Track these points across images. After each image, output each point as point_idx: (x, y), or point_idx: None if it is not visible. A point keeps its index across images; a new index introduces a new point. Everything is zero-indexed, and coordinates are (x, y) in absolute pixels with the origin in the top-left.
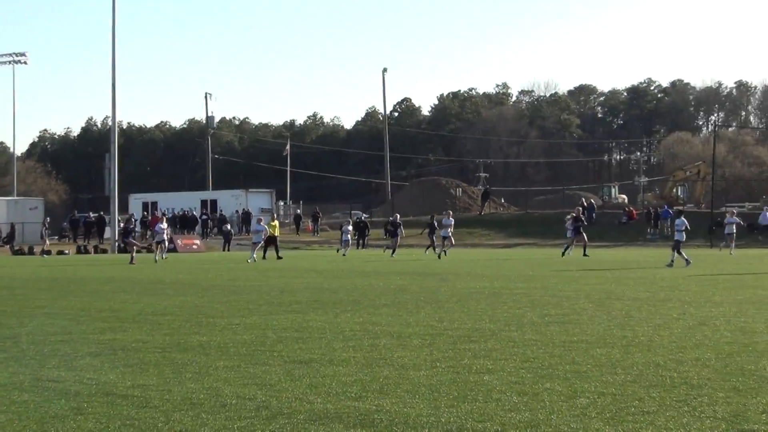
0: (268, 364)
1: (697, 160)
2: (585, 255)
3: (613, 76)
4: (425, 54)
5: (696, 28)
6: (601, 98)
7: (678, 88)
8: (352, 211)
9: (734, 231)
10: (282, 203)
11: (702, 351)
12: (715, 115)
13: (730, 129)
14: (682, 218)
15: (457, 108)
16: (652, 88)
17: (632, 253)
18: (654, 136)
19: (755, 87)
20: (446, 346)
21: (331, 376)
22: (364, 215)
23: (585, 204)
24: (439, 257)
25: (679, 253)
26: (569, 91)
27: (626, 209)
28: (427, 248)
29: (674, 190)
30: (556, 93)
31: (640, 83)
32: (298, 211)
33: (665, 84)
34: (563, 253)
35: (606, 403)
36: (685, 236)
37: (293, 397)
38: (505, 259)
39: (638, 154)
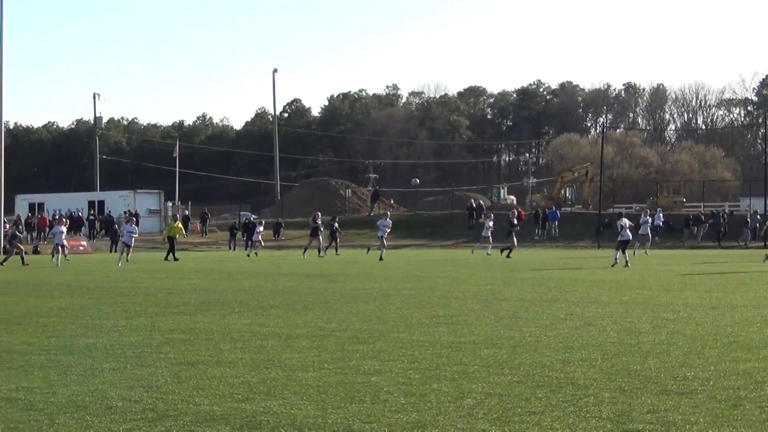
0: (154, 366)
1: (585, 161)
2: (508, 257)
3: (502, 78)
4: (315, 55)
5: (585, 30)
6: (491, 100)
7: (567, 89)
8: (241, 212)
9: (648, 231)
10: (170, 204)
11: (588, 351)
12: (604, 116)
13: (618, 130)
14: (624, 219)
15: (347, 109)
16: (541, 89)
17: (520, 253)
18: (543, 138)
19: (643, 89)
20: (334, 347)
21: (218, 378)
22: (254, 216)
23: (474, 203)
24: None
25: (624, 252)
26: (459, 93)
27: (515, 210)
28: (313, 248)
29: (562, 191)
30: (446, 94)
31: (530, 85)
32: (187, 212)
33: (554, 86)
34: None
35: (493, 404)
36: (630, 235)
37: (180, 399)
38: (393, 261)
39: (527, 155)
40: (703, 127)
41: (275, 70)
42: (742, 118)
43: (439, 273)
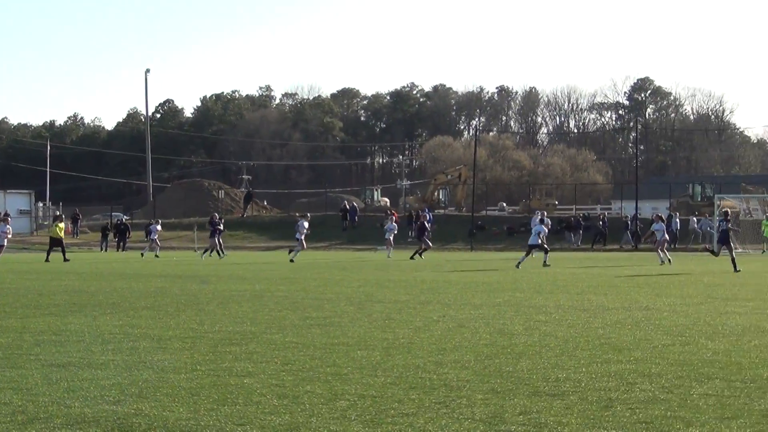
0: (24, 368)
1: (458, 163)
2: (420, 257)
3: (376, 80)
4: (188, 56)
5: (457, 33)
6: (364, 102)
7: (440, 92)
8: (113, 213)
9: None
10: (41, 204)
11: (461, 353)
12: (477, 119)
13: (491, 133)
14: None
15: (220, 110)
16: (414, 92)
17: (394, 255)
18: (416, 140)
19: (516, 92)
20: (207, 349)
21: (90, 380)
22: (125, 217)
23: (348, 205)
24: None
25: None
26: (332, 95)
27: (388, 212)
28: (207, 251)
29: (436, 194)
30: (319, 96)
31: (403, 87)
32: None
33: (427, 88)
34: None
35: (366, 406)
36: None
37: (50, 401)
38: (267, 262)
39: (400, 157)
40: (575, 131)
41: (147, 71)
42: (614, 122)
43: (312, 275)
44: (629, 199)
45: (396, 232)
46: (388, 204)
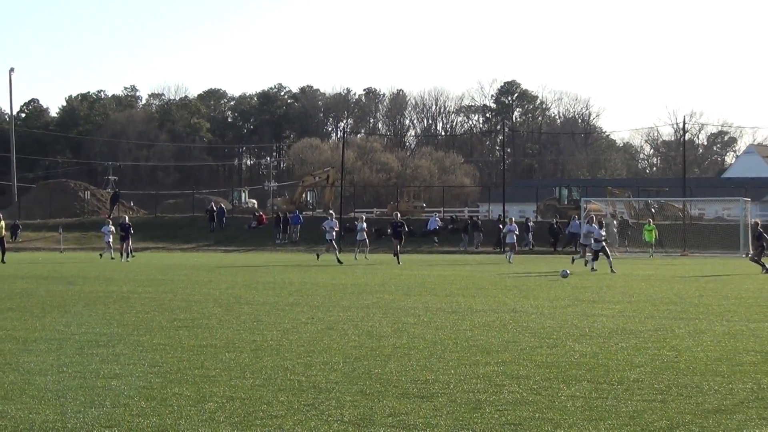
0: None
1: (326, 165)
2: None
3: (243, 81)
4: (53, 55)
5: (324, 35)
6: (232, 103)
7: (307, 94)
8: None
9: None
10: None
11: (330, 355)
12: (344, 121)
13: (358, 135)
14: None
15: (85, 110)
16: (282, 93)
17: (262, 257)
18: (284, 142)
19: (383, 94)
20: (73, 350)
21: None
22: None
23: (215, 206)
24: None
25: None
26: (199, 95)
27: (256, 214)
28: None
29: (304, 196)
30: (186, 96)
31: (270, 88)
32: None
33: (295, 90)
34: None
35: (235, 408)
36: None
37: None
38: (134, 264)
39: (268, 159)
40: (443, 133)
41: (12, 70)
42: (481, 125)
43: (179, 276)
44: (496, 202)
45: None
46: (256, 206)
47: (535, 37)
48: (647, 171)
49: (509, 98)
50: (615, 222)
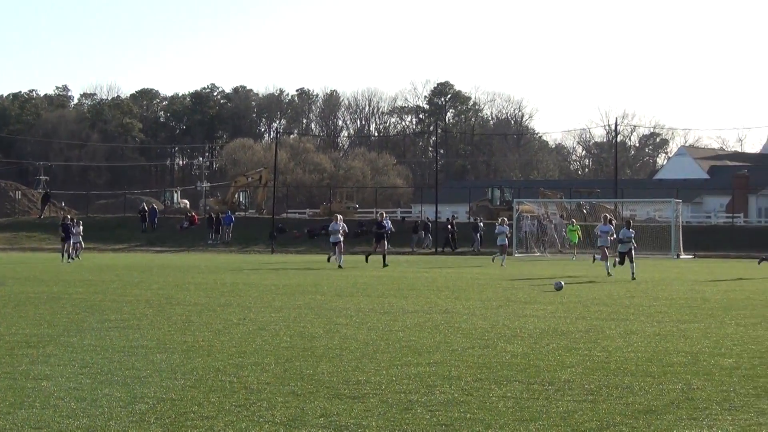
0: None
1: (259, 166)
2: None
3: (175, 81)
4: None
5: (256, 34)
6: (164, 103)
7: (240, 94)
8: None
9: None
10: None
11: (262, 356)
12: (277, 122)
13: (291, 136)
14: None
15: (17, 109)
16: (215, 93)
17: (194, 258)
18: (216, 142)
19: (317, 95)
20: (2, 352)
21: None
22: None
23: (147, 207)
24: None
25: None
26: (132, 95)
27: (188, 214)
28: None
29: (236, 196)
30: (118, 96)
31: (203, 89)
32: None
33: (228, 90)
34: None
35: (165, 409)
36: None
37: None
38: (65, 264)
39: (200, 159)
40: (376, 134)
41: None
42: (414, 126)
43: (111, 277)
44: (429, 203)
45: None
46: (188, 206)
47: (469, 39)
48: (579, 172)
49: (442, 99)
50: (553, 224)
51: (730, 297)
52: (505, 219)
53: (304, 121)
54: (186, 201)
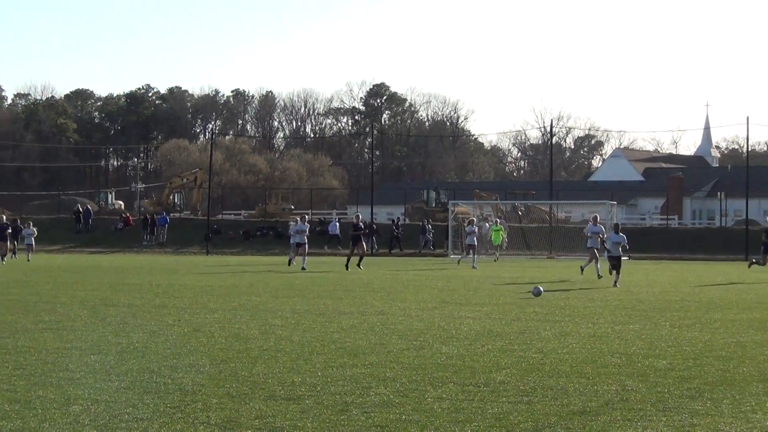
0: None
1: (194, 167)
2: (359, 265)
3: (110, 82)
4: None
5: (191, 35)
6: (99, 103)
7: (176, 94)
8: None
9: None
10: None
11: (196, 357)
12: (213, 123)
13: (227, 137)
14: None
15: None
16: (150, 94)
17: (129, 259)
18: (152, 143)
19: (252, 96)
20: None
21: None
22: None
23: (82, 207)
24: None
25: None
26: (66, 96)
27: (123, 215)
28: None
29: (171, 197)
30: (53, 97)
31: (138, 89)
32: None
33: (163, 91)
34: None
35: (99, 411)
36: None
37: None
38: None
39: (135, 160)
40: (312, 135)
41: None
42: (350, 127)
43: (45, 278)
44: (365, 204)
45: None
46: (123, 207)
47: (405, 40)
48: (515, 174)
49: (378, 101)
50: (488, 225)
51: (664, 299)
52: (474, 219)
53: (240, 122)
54: (121, 202)
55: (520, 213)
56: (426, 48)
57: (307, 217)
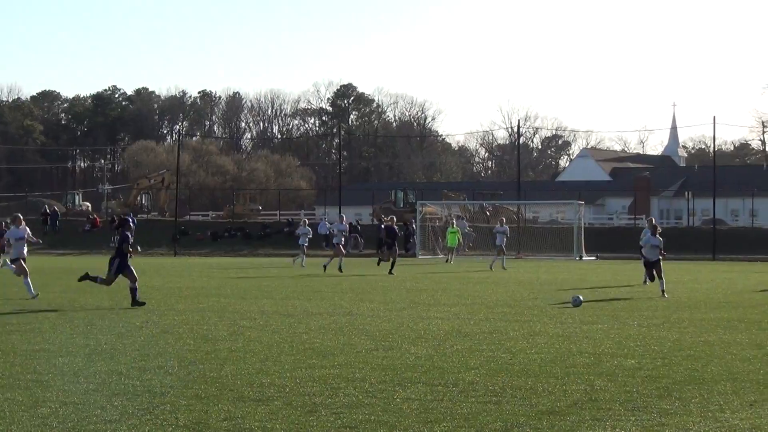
0: None
1: (161, 168)
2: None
3: (77, 83)
4: None
5: (158, 36)
6: (65, 105)
7: (143, 96)
8: None
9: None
10: None
11: (165, 359)
12: (180, 124)
13: (194, 138)
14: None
15: None
16: (116, 95)
17: (96, 261)
18: (118, 144)
19: (219, 97)
20: None
21: None
22: None
23: (49, 209)
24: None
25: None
26: (32, 97)
27: (90, 217)
28: None
29: (138, 198)
30: (19, 98)
31: (105, 90)
32: None
33: (130, 92)
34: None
35: (68, 413)
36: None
37: None
38: None
39: (102, 161)
40: (279, 136)
41: None
42: (317, 128)
43: (11, 281)
44: (333, 205)
45: (310, 237)
46: (90, 208)
47: (372, 41)
48: (482, 174)
49: (345, 101)
50: (467, 224)
51: (633, 298)
52: (503, 219)
53: (207, 123)
54: (88, 203)
55: (488, 213)
56: (393, 48)
57: (345, 217)
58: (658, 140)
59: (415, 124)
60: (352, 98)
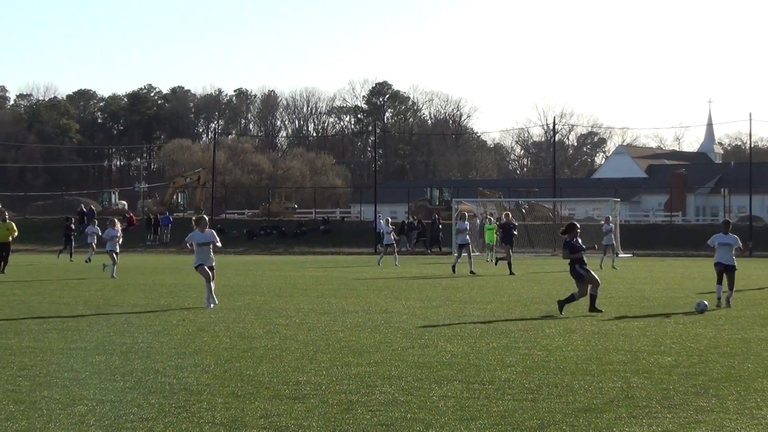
0: None
1: (197, 166)
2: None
3: (113, 82)
4: None
5: (194, 34)
6: (101, 104)
7: (178, 94)
8: None
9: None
10: None
11: (201, 357)
12: (215, 122)
13: (229, 137)
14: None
15: None
16: (152, 94)
17: (132, 259)
18: (154, 143)
19: (254, 95)
20: None
21: None
22: None
23: (85, 208)
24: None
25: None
26: (69, 96)
27: (126, 215)
28: None
29: (174, 197)
30: (55, 97)
31: (140, 89)
32: None
33: (165, 90)
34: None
35: (105, 411)
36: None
37: None
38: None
39: (138, 160)
40: (314, 134)
41: None
42: (353, 126)
43: (49, 278)
44: (368, 203)
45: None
46: (126, 207)
47: (407, 38)
48: (518, 172)
49: (380, 99)
50: (478, 221)
51: (669, 295)
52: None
53: (242, 121)
54: (124, 202)
55: (523, 211)
56: (428, 46)
57: (390, 219)
58: (694, 137)
59: (451, 121)
60: (387, 96)
